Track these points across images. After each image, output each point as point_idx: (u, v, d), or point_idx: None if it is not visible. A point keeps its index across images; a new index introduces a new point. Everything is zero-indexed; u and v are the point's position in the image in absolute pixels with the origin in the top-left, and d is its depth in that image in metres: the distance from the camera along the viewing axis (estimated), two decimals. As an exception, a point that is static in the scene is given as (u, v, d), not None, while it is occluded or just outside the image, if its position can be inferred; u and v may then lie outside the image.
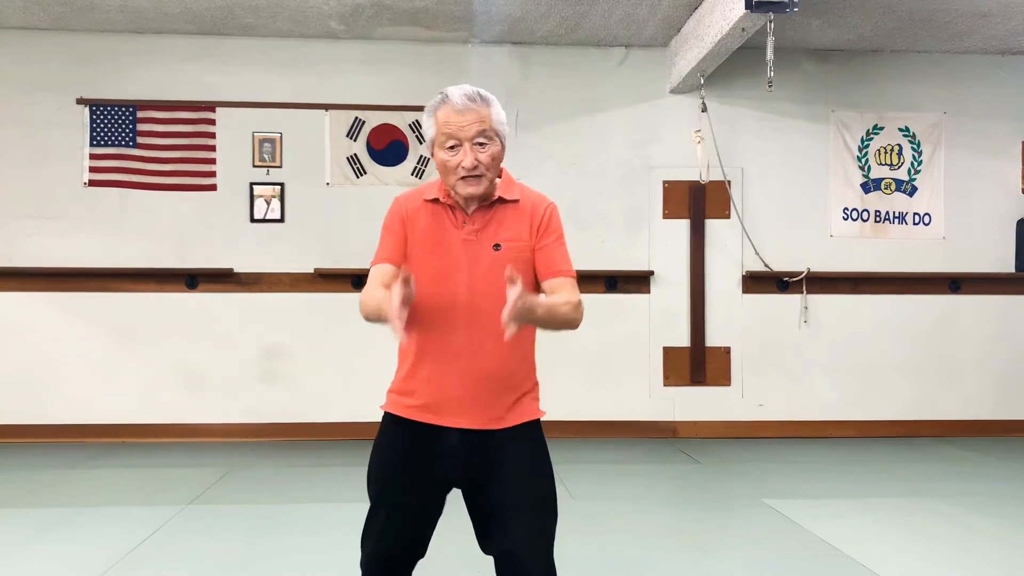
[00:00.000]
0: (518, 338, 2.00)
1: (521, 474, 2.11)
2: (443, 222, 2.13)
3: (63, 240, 6.21)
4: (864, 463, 5.67)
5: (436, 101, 2.08)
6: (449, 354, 2.09)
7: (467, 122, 2.03)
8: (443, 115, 2.05)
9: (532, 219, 2.15)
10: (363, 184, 6.36)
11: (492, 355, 2.08)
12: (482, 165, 2.05)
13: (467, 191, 2.07)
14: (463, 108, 2.03)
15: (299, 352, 6.34)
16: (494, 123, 2.07)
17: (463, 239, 2.10)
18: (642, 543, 3.89)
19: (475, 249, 2.10)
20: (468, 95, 2.05)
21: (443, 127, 2.05)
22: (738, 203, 6.53)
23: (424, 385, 2.11)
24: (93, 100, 6.24)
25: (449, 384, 2.09)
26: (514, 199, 2.15)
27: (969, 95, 6.72)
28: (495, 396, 2.10)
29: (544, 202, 2.20)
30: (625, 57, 6.57)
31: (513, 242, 2.11)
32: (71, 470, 5.36)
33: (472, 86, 2.09)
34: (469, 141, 2.04)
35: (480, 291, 2.07)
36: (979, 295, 6.71)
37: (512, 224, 2.13)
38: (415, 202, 2.18)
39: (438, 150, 2.08)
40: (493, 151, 2.07)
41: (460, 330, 2.08)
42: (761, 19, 5.06)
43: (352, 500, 4.63)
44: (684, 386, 6.55)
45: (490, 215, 2.12)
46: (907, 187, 6.69)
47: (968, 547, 3.84)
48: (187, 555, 3.67)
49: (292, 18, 5.98)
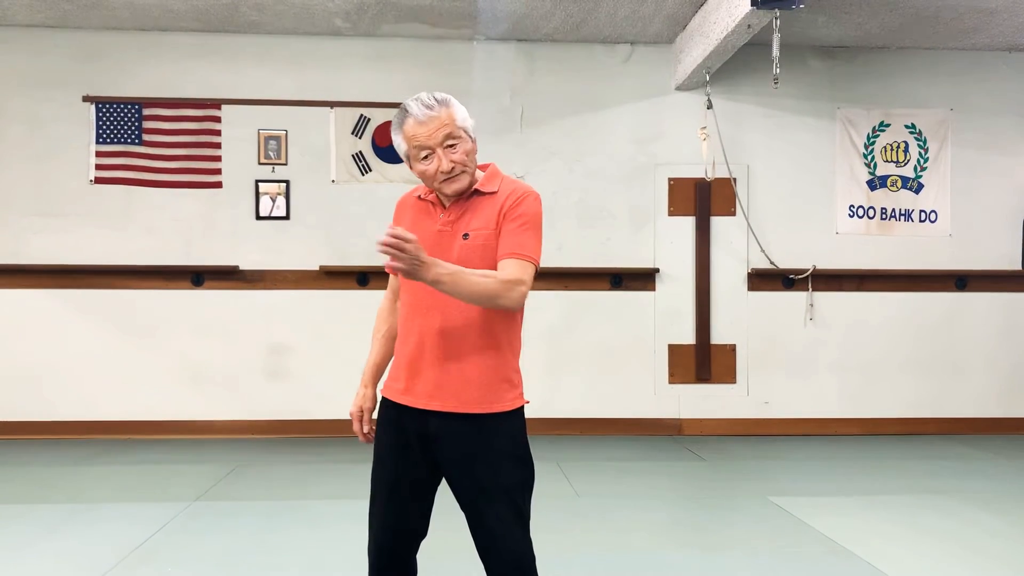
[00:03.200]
0: (490, 325, 2.15)
1: (495, 463, 2.17)
2: (423, 216, 2.25)
3: (69, 237, 6.23)
4: (870, 460, 5.67)
5: (399, 118, 2.17)
6: (425, 340, 2.17)
7: (431, 130, 2.11)
8: (409, 129, 2.14)
9: (502, 204, 2.19)
10: (368, 181, 6.36)
11: (463, 340, 2.15)
12: (458, 165, 2.14)
13: (452, 189, 2.17)
14: (425, 118, 2.11)
15: (305, 349, 6.35)
16: (458, 122, 2.14)
17: (438, 230, 2.20)
18: (647, 540, 3.89)
19: (447, 239, 2.18)
20: (426, 104, 2.12)
21: (411, 140, 2.14)
22: (744, 200, 6.52)
23: (403, 370, 2.22)
24: (99, 98, 6.25)
25: (423, 368, 2.18)
26: (491, 191, 2.21)
27: (975, 92, 6.70)
28: (466, 382, 2.15)
29: (517, 190, 2.20)
30: (630, 54, 6.56)
31: (480, 230, 2.17)
32: (77, 467, 5.38)
33: (428, 93, 2.15)
34: (439, 146, 2.12)
35: None
36: (985, 292, 6.69)
37: (483, 214, 2.19)
38: (409, 200, 2.34)
39: (415, 163, 2.17)
40: (464, 148, 2.15)
41: (435, 317, 2.15)
42: (767, 16, 5.05)
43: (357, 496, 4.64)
44: (689, 383, 6.54)
45: (465, 206, 2.20)
46: (913, 184, 6.68)
47: (974, 544, 3.84)
48: (193, 551, 3.68)
49: (297, 15, 5.99)
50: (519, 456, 2.21)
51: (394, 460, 2.24)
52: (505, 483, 2.17)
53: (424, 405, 2.17)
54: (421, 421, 2.18)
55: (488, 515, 2.16)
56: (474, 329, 2.15)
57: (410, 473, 2.22)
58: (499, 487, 2.16)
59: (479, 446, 2.16)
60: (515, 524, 2.17)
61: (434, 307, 2.15)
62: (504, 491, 2.17)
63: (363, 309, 6.33)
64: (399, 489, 2.23)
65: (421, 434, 2.19)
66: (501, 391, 2.19)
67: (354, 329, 6.28)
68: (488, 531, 2.16)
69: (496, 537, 2.16)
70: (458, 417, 2.15)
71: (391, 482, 2.24)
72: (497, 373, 2.19)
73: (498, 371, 2.19)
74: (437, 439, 2.18)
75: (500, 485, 2.16)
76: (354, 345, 6.28)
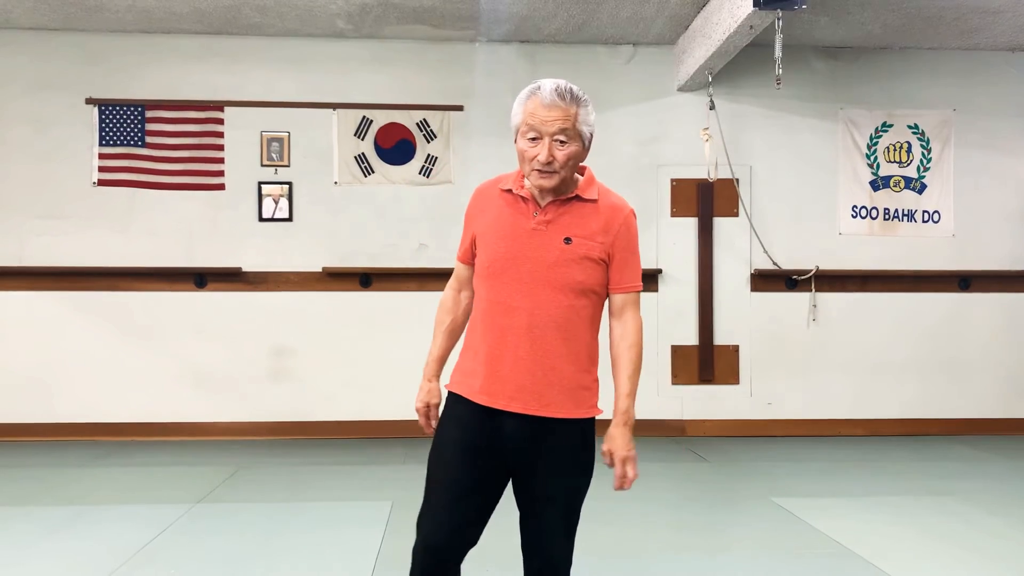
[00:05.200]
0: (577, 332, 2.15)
1: (563, 468, 2.15)
2: (514, 211, 2.17)
3: (72, 239, 6.24)
4: (873, 461, 5.66)
5: (528, 91, 2.11)
6: (508, 338, 2.12)
7: (551, 118, 2.06)
8: (531, 106, 2.08)
9: (609, 222, 2.16)
10: (371, 183, 6.36)
11: (550, 344, 2.11)
12: (556, 162, 2.08)
13: (539, 183, 2.11)
14: (550, 104, 2.06)
15: (307, 350, 6.35)
16: (578, 123, 2.09)
17: (532, 228, 2.13)
18: (650, 541, 3.89)
19: (543, 239, 2.12)
20: (559, 91, 2.07)
21: (528, 118, 2.08)
22: (746, 201, 6.52)
23: (482, 366, 2.14)
24: (102, 100, 6.26)
25: (506, 368, 2.12)
26: (592, 199, 2.17)
27: (978, 92, 6.69)
28: (549, 385, 2.12)
29: (624, 207, 2.22)
30: (632, 55, 6.56)
31: (585, 239, 2.13)
32: (80, 469, 5.38)
33: (568, 84, 2.10)
34: (549, 136, 2.06)
35: (543, 280, 2.10)
36: (988, 293, 6.68)
37: (586, 222, 2.15)
38: (492, 191, 2.25)
39: (520, 138, 2.12)
40: (571, 151, 2.09)
41: (521, 316, 2.11)
42: (769, 16, 5.05)
43: (361, 499, 4.65)
44: (692, 384, 6.54)
45: (564, 210, 2.15)
46: (916, 185, 6.67)
47: (977, 545, 3.83)
48: (196, 553, 3.68)
49: (300, 17, 5.99)
50: (588, 464, 2.19)
51: (460, 459, 2.15)
52: (569, 490, 2.17)
53: (504, 406, 2.12)
54: (497, 421, 2.13)
55: (545, 518, 2.15)
56: (559, 333, 2.12)
57: (474, 474, 2.14)
58: (563, 493, 2.16)
59: (555, 451, 2.14)
60: (567, 532, 2.17)
61: (520, 308, 2.12)
62: (566, 497, 2.16)
63: (366, 311, 6.35)
64: (460, 490, 2.14)
65: (495, 434, 2.13)
66: (581, 397, 2.17)
67: (357, 331, 6.32)
68: (539, 533, 2.16)
69: (545, 542, 2.15)
70: (537, 420, 2.12)
71: (453, 481, 2.14)
72: (578, 379, 2.16)
73: (579, 377, 2.16)
74: (513, 440, 2.13)
75: (565, 492, 2.16)
76: (357, 347, 6.32)
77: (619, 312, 2.25)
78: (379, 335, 6.30)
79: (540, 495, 2.15)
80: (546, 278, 2.11)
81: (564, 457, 2.15)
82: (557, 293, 2.11)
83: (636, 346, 2.24)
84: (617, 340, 2.25)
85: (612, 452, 2.17)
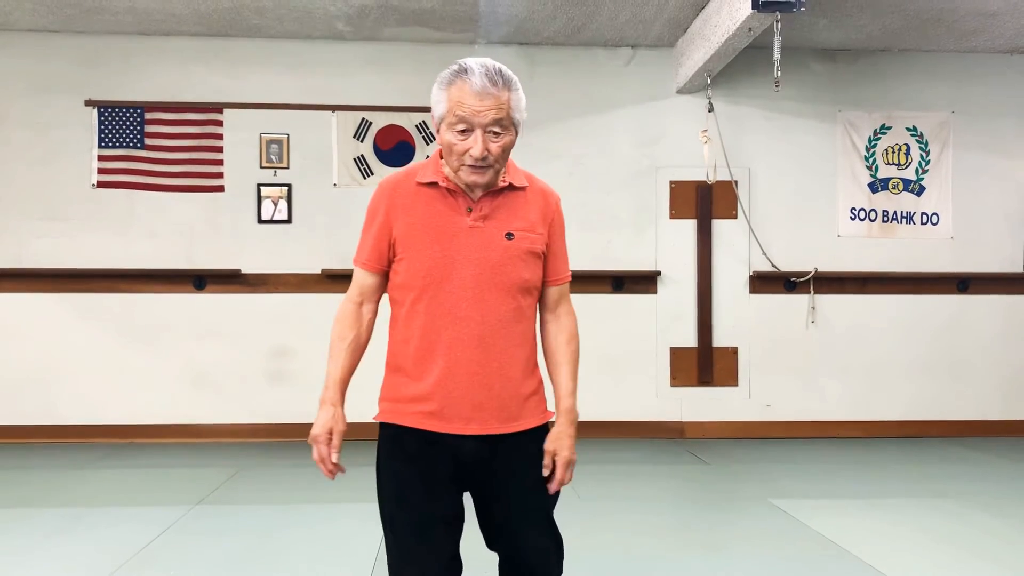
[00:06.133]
0: (526, 334, 1.99)
1: (532, 483, 2.00)
2: (443, 208, 1.94)
3: (71, 241, 6.24)
4: (872, 463, 5.66)
5: (450, 74, 1.88)
6: (458, 353, 1.91)
7: (484, 108, 1.83)
8: (458, 93, 1.85)
9: (544, 210, 2.01)
10: (370, 185, 6.36)
11: (504, 352, 1.94)
12: (492, 155, 1.87)
13: (471, 179, 1.90)
14: (482, 91, 1.83)
15: (307, 352, 6.34)
16: (512, 110, 1.88)
17: (470, 226, 1.92)
18: (649, 543, 3.89)
19: (483, 237, 1.92)
20: (491, 77, 1.84)
21: (456, 107, 1.85)
22: (745, 203, 6.53)
23: (433, 389, 1.93)
24: (101, 102, 6.26)
25: (460, 386, 1.92)
26: (522, 186, 2.00)
27: (977, 94, 6.70)
28: (507, 397, 1.95)
29: (553, 192, 2.08)
30: (631, 57, 6.57)
31: (526, 231, 1.96)
32: (80, 470, 5.38)
33: (496, 63, 1.88)
34: (482, 128, 1.84)
35: (488, 283, 1.92)
36: (987, 295, 6.69)
37: (523, 212, 1.98)
38: (406, 186, 1.99)
39: (446, 129, 1.88)
40: (506, 141, 1.89)
41: (471, 326, 1.91)
42: (768, 19, 5.05)
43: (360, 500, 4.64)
44: (691, 386, 6.54)
45: (498, 202, 1.96)
46: (915, 187, 6.68)
47: (976, 548, 3.83)
48: (196, 555, 3.69)
49: (299, 20, 6.00)
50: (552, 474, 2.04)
51: (421, 497, 1.94)
52: (543, 503, 2.02)
53: (460, 430, 1.92)
54: (452, 446, 1.93)
55: (528, 539, 1.99)
56: (512, 339, 1.95)
57: (441, 509, 1.94)
58: (538, 508, 2.01)
59: (519, 466, 1.98)
60: (555, 547, 2.03)
61: (469, 317, 1.91)
62: (544, 511, 2.02)
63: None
64: (430, 529, 1.94)
65: (454, 462, 1.94)
66: (535, 402, 2.02)
67: (356, 332, 6.30)
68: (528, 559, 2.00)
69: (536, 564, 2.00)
70: (498, 437, 1.94)
71: (420, 523, 1.93)
72: (529, 385, 2.00)
73: (529, 382, 2.01)
74: (474, 463, 1.95)
75: (539, 506, 2.01)
76: (356, 348, 6.32)
77: (554, 306, 2.08)
78: (378, 337, 6.28)
79: (520, 513, 1.99)
80: (492, 280, 1.91)
81: (530, 470, 1.99)
82: (505, 295, 1.93)
83: (574, 340, 2.09)
84: (554, 336, 2.08)
85: (556, 453, 1.99)
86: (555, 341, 2.08)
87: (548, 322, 2.10)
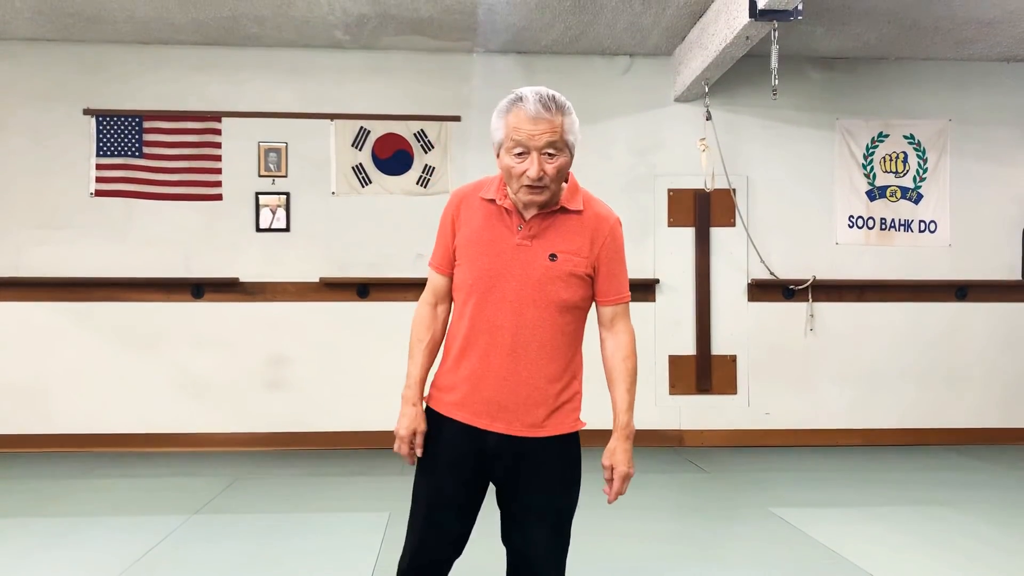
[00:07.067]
0: (560, 348, 2.10)
1: (550, 486, 2.12)
2: (498, 223, 2.09)
3: (69, 250, 6.23)
4: (871, 471, 5.65)
5: (508, 102, 2.02)
6: (491, 358, 2.07)
7: (538, 131, 1.96)
8: (514, 120, 1.98)
9: (595, 234, 2.10)
10: (368, 193, 6.37)
11: (533, 363, 2.07)
12: (547, 176, 1.99)
13: (529, 198, 2.03)
14: (535, 116, 1.96)
15: (305, 361, 6.34)
16: (566, 133, 2.00)
17: (517, 244, 2.06)
18: (648, 552, 3.88)
19: (528, 255, 2.06)
20: (544, 102, 1.97)
21: (512, 132, 1.98)
22: (743, 211, 6.53)
23: (464, 384, 2.10)
24: (100, 111, 6.27)
25: (488, 387, 2.07)
26: (577, 210, 2.10)
27: (974, 102, 6.72)
28: (533, 404, 2.08)
29: (610, 217, 2.16)
30: (629, 66, 6.58)
31: (571, 255, 2.07)
32: (77, 480, 5.37)
33: (549, 91, 2.01)
34: (538, 151, 1.97)
35: (528, 299, 2.05)
36: (986, 303, 6.69)
37: (572, 236, 2.08)
38: (472, 198, 2.15)
39: (504, 154, 2.02)
40: (560, 162, 2.00)
41: (504, 335, 2.06)
42: (765, 27, 5.07)
43: (358, 509, 4.64)
44: (690, 395, 6.53)
45: (548, 223, 2.08)
46: (912, 194, 6.69)
47: (975, 556, 3.82)
48: (194, 564, 3.67)
49: (297, 29, 6.01)
50: (574, 480, 2.17)
51: (443, 476, 2.12)
52: (559, 507, 2.13)
53: (486, 426, 2.08)
54: (479, 439, 2.09)
55: (535, 538, 2.10)
56: (543, 352, 2.08)
57: (459, 491, 2.12)
58: (553, 511, 2.12)
59: (541, 468, 2.10)
60: (559, 551, 2.14)
61: (504, 327, 2.06)
62: (557, 515, 2.13)
63: (363, 321, 6.35)
64: (445, 507, 2.12)
65: (478, 452, 2.10)
66: (564, 412, 2.13)
67: (354, 341, 6.31)
68: (532, 555, 2.11)
69: (538, 562, 2.11)
70: (520, 439, 2.09)
71: (437, 499, 2.13)
72: (561, 395, 2.12)
73: (562, 393, 2.12)
74: (497, 458, 2.10)
75: (554, 509, 2.12)
76: (355, 357, 6.31)
77: (610, 324, 2.20)
78: (377, 345, 6.29)
79: (527, 510, 2.11)
80: (531, 297, 2.05)
81: (550, 474, 2.12)
82: (541, 311, 2.06)
83: (631, 358, 2.20)
84: (611, 353, 2.20)
85: (613, 467, 2.15)
86: (612, 359, 2.20)
87: (606, 339, 2.21)
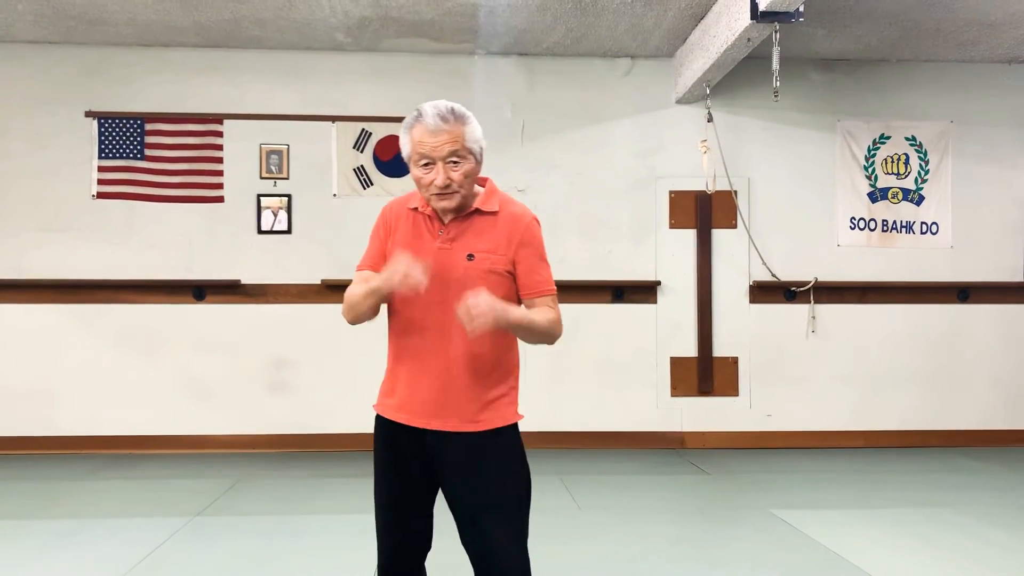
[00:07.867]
0: (491, 343, 2.16)
1: (494, 477, 2.17)
2: (421, 230, 2.22)
3: (71, 252, 6.24)
4: (873, 473, 5.65)
5: (411, 119, 2.14)
6: (422, 359, 2.18)
7: (440, 142, 2.09)
8: (417, 134, 2.11)
9: (511, 232, 2.19)
10: (370, 195, 6.37)
11: (464, 361, 2.15)
12: (455, 183, 2.12)
13: (440, 205, 2.16)
14: (435, 128, 2.09)
15: (306, 363, 6.34)
16: (467, 141, 2.12)
17: (438, 248, 2.17)
18: (649, 554, 3.88)
19: (449, 257, 2.16)
20: (442, 115, 2.10)
21: (417, 146, 2.12)
22: (745, 213, 6.53)
23: (402, 387, 2.21)
24: (101, 113, 6.27)
25: (422, 387, 2.17)
26: (492, 211, 2.20)
27: (976, 104, 6.72)
28: (466, 400, 2.16)
29: (525, 215, 2.24)
30: (631, 68, 6.58)
31: (487, 253, 2.16)
32: (78, 482, 5.37)
33: (448, 102, 2.13)
34: (442, 160, 2.10)
35: (453, 299, 2.09)
36: (987, 304, 6.68)
37: (488, 235, 2.18)
38: (400, 209, 2.28)
39: (413, 167, 2.15)
40: (466, 168, 2.12)
41: (432, 336, 2.16)
42: (767, 29, 5.07)
43: (359, 511, 4.63)
44: (692, 396, 6.53)
45: (466, 225, 2.19)
46: (914, 196, 6.68)
47: (978, 558, 3.82)
48: (197, 566, 3.67)
49: (299, 31, 6.02)
50: (517, 471, 2.22)
51: (392, 477, 2.24)
52: (505, 498, 2.18)
53: (424, 425, 2.17)
54: (418, 439, 2.19)
55: (488, 531, 2.15)
56: (471, 349, 2.14)
57: (409, 489, 2.23)
58: (499, 503, 2.17)
59: (479, 462, 2.17)
60: (515, 540, 2.17)
61: (432, 327, 2.16)
62: (504, 506, 2.17)
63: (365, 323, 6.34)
64: (400, 506, 2.24)
65: (418, 451, 2.20)
66: (498, 407, 2.20)
67: (356, 343, 6.30)
68: (487, 547, 2.16)
69: (496, 553, 2.16)
70: (457, 434, 2.16)
71: (391, 499, 2.24)
72: (495, 391, 2.20)
73: (496, 388, 2.20)
74: (436, 456, 2.18)
75: (500, 501, 2.17)
76: (356, 359, 6.31)
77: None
78: (378, 347, 6.27)
79: (480, 507, 2.16)
80: (455, 296, 2.09)
81: (491, 466, 2.18)
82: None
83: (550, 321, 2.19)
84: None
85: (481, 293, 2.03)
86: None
87: None
